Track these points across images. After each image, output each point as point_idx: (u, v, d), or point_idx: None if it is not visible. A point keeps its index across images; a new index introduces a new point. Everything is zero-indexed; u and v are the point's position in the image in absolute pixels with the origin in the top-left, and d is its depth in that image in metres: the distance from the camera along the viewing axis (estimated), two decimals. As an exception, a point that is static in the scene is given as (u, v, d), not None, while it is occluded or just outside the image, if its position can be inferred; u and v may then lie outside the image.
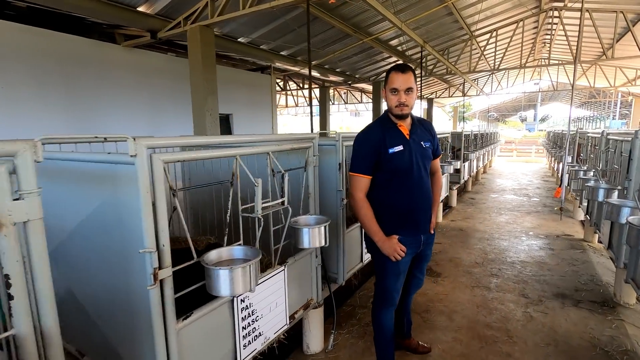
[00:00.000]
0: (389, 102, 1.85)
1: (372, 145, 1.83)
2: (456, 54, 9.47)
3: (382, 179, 1.88)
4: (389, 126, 1.88)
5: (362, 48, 8.05)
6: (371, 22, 6.39)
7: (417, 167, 1.88)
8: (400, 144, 1.86)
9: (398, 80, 1.79)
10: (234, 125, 8.10)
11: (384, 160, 1.83)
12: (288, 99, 18.14)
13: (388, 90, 1.84)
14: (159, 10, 4.62)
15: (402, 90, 1.80)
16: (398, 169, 1.85)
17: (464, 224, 6.13)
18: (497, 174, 13.08)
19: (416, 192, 1.90)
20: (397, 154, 1.84)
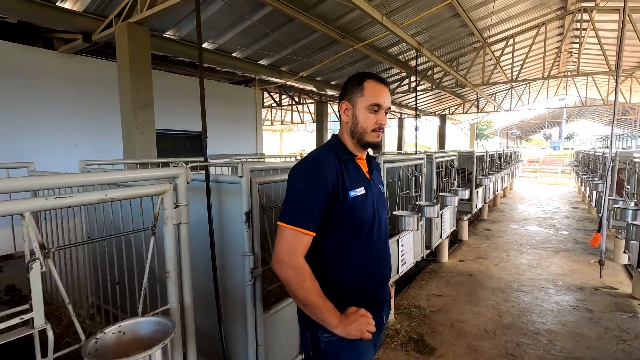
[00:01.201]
0: (364, 123, 1.30)
1: (326, 184, 1.23)
2: (467, 65, 8.56)
3: (334, 237, 1.28)
4: (346, 158, 1.33)
5: (356, 57, 7.27)
6: (359, 25, 5.60)
7: (379, 221, 1.37)
8: (362, 185, 1.32)
9: (382, 93, 1.30)
10: (207, 144, 7.32)
11: (340, 209, 1.25)
12: (294, 114, 17.53)
13: (363, 105, 1.30)
14: (87, 7, 3.95)
15: (384, 109, 1.31)
16: (359, 223, 1.29)
17: (474, 267, 5.05)
18: (519, 199, 11.84)
19: (381, 257, 1.38)
20: (359, 200, 1.29)
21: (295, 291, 1.20)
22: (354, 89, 1.30)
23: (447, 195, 4.49)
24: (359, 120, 1.28)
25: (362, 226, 1.28)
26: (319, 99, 11.33)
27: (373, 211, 1.32)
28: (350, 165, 1.31)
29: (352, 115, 1.30)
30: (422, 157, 3.94)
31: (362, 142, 1.30)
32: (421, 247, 4.06)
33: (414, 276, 4.67)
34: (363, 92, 1.28)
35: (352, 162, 1.33)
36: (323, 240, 1.26)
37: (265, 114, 18.99)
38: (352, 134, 1.31)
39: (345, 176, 1.26)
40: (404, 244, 3.47)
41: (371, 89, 1.28)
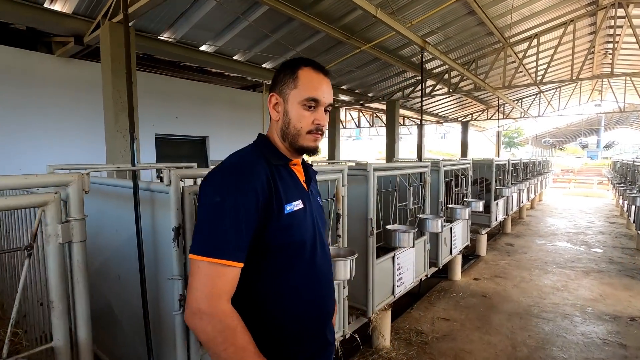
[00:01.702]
0: (297, 122, 1.04)
1: (256, 196, 0.95)
2: (486, 68, 8.07)
3: (267, 266, 1.01)
4: (279, 163, 1.07)
5: (366, 60, 6.99)
6: (366, 25, 5.33)
7: (321, 242, 1.12)
8: (299, 197, 1.06)
9: (321, 86, 1.04)
10: (210, 150, 7.26)
11: (274, 229, 0.98)
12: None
13: (296, 100, 1.03)
14: (76, 8, 3.91)
15: (324, 105, 1.05)
16: (299, 245, 1.03)
17: (490, 287, 4.58)
18: (548, 211, 11.05)
19: (325, 288, 1.13)
20: (297, 216, 1.03)
21: (222, 353, 0.87)
22: (286, 79, 1.04)
23: (456, 208, 4.10)
24: (291, 119, 1.03)
25: (302, 249, 1.03)
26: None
27: (313, 230, 1.08)
28: (285, 173, 1.06)
29: (283, 111, 1.05)
30: (426, 165, 3.59)
31: (295, 146, 1.05)
32: (425, 265, 3.68)
33: (419, 295, 4.28)
34: (296, 83, 1.02)
35: (286, 169, 1.08)
36: (253, 271, 0.98)
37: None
38: (283, 135, 1.06)
39: (279, 186, 1.00)
40: (401, 261, 3.12)
41: (307, 79, 1.02)
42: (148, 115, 6.05)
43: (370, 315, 2.75)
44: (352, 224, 2.73)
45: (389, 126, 9.96)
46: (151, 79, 6.27)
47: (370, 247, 2.69)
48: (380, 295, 2.87)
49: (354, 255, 2.04)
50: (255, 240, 0.94)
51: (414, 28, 5.57)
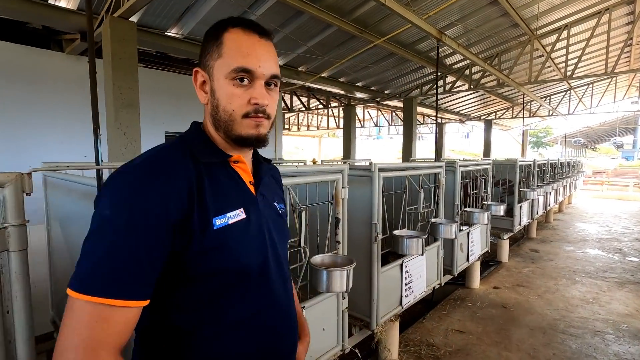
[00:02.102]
0: (227, 103, 0.78)
1: (164, 211, 0.69)
2: (511, 62, 7.63)
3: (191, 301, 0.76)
4: (211, 161, 0.81)
5: (381, 55, 6.74)
6: (379, 17, 5.10)
7: (276, 262, 0.87)
8: (238, 205, 0.81)
9: (254, 50, 0.77)
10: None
11: (197, 252, 0.73)
12: (329, 119, 17.26)
13: (223, 73, 0.77)
14: (80, 4, 3.88)
15: (263, 78, 0.78)
16: (236, 271, 0.78)
17: (511, 297, 4.27)
18: (578, 215, 10.43)
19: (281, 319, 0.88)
20: (233, 232, 0.78)
21: None
22: (210, 47, 0.78)
23: (474, 211, 3.82)
24: (219, 100, 0.78)
25: (243, 276, 0.78)
26: (346, 102, 10.89)
27: (264, 247, 0.83)
28: (219, 174, 0.80)
29: (210, 90, 0.80)
30: (440, 166, 3.34)
31: (231, 136, 0.79)
32: (438, 273, 3.44)
33: (433, 303, 4.03)
34: (221, 51, 0.76)
35: (222, 169, 0.82)
36: (172, 307, 0.75)
37: (303, 118, 18.96)
38: (215, 123, 0.80)
39: (205, 192, 0.75)
40: (410, 270, 2.90)
41: (234, 43, 0.76)
42: (158, 113, 6.07)
43: (375, 328, 2.56)
44: (356, 228, 2.59)
45: (406, 124, 9.63)
46: (161, 76, 6.28)
47: (375, 254, 2.50)
48: (386, 306, 2.67)
49: (352, 264, 1.86)
50: (169, 266, 0.71)
51: (431, 20, 5.30)
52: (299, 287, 1.89)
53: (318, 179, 2.01)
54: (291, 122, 19.43)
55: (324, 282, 1.81)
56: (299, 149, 32.86)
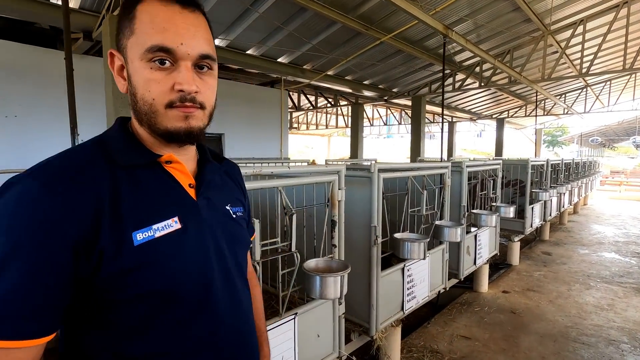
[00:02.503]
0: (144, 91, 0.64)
1: (64, 228, 0.56)
2: (523, 58, 7.42)
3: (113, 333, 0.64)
4: (133, 164, 0.67)
5: (389, 52, 6.63)
6: (384, 14, 5.00)
7: (225, 277, 0.74)
8: (172, 214, 0.68)
9: (173, 25, 0.63)
10: (226, 147, 7.21)
11: (113, 274, 0.60)
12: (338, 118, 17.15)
13: (136, 55, 0.63)
14: (82, 3, 3.89)
15: (188, 59, 0.65)
16: (164, 294, 0.64)
17: (521, 301, 4.13)
18: (594, 217, 10.13)
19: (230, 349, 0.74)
20: (162, 246, 0.64)
21: None
22: (123, 23, 0.66)
23: (481, 213, 3.70)
24: (136, 86, 0.65)
25: (176, 299, 0.65)
26: (354, 101, 10.78)
27: (206, 262, 0.70)
28: (145, 178, 0.67)
29: (127, 76, 0.67)
30: (446, 166, 3.24)
31: (157, 130, 0.66)
32: (443, 277, 3.34)
33: (438, 307, 3.92)
34: (133, 27, 0.63)
35: (150, 172, 0.68)
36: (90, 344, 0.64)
37: (312, 117, 18.92)
38: (137, 115, 0.67)
39: (122, 202, 0.62)
40: (412, 274, 2.81)
41: (147, 16, 0.62)
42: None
43: (374, 334, 2.48)
44: (356, 231, 2.52)
45: (414, 123, 9.48)
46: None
47: (374, 258, 2.42)
48: (386, 312, 2.59)
49: (346, 270, 1.79)
50: (80, 293, 0.60)
51: (439, 16, 5.17)
52: (289, 293, 1.82)
53: (312, 180, 1.94)
54: (300, 121, 19.39)
55: (317, 288, 1.75)
56: (309, 148, 32.83)
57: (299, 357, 1.88)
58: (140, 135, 0.70)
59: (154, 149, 0.70)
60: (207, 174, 0.76)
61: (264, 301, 2.62)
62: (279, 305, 1.81)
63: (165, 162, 0.70)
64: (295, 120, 19.06)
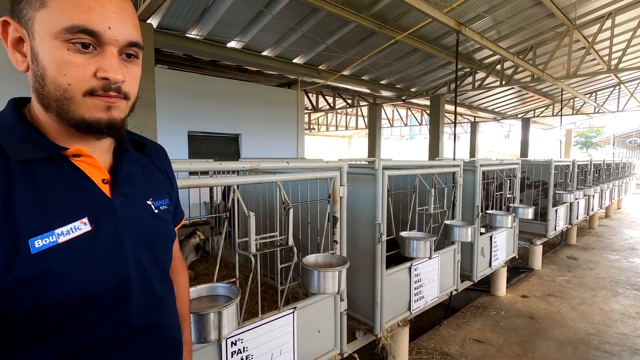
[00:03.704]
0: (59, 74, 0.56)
1: None
2: (546, 56, 7.14)
3: (15, 350, 0.57)
4: (31, 157, 0.58)
5: (405, 51, 6.56)
6: (399, 12, 4.95)
7: (143, 279, 0.68)
8: (80, 214, 0.60)
9: (101, 5, 0.56)
10: (242, 147, 7.33)
11: (11, 285, 0.54)
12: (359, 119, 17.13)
13: (49, 31, 0.55)
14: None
15: (115, 45, 0.59)
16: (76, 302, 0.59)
17: (540, 307, 3.98)
18: (628, 221, 9.60)
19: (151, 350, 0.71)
20: (67, 251, 0.57)
21: None
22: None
23: (496, 214, 3.59)
24: (46, 67, 0.57)
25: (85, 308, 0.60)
26: (372, 101, 10.71)
27: (121, 265, 0.64)
28: (47, 175, 0.59)
29: (30, 53, 0.58)
30: (458, 165, 3.18)
31: (69, 119, 0.59)
32: (454, 278, 3.27)
33: (452, 310, 3.84)
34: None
35: (53, 167, 0.60)
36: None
37: (332, 118, 18.96)
38: (42, 99, 0.59)
39: (16, 205, 0.55)
40: (419, 273, 2.77)
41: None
42: (181, 113, 6.31)
43: (378, 333, 2.46)
44: (361, 228, 2.53)
45: (432, 123, 9.32)
46: (184, 77, 6.53)
47: (379, 256, 2.40)
48: (392, 311, 2.57)
49: (345, 265, 1.80)
50: None
51: (456, 13, 5.08)
52: (287, 288, 1.84)
53: (313, 176, 1.95)
54: (320, 123, 19.45)
55: (315, 282, 1.76)
56: (330, 150, 32.85)
57: (299, 352, 1.89)
58: (42, 122, 0.62)
59: (58, 141, 0.61)
60: (124, 167, 0.69)
61: (264, 292, 2.67)
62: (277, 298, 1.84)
63: (73, 155, 0.62)
64: (315, 122, 19.14)
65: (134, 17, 0.62)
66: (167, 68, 6.35)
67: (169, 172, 0.84)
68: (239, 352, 1.62)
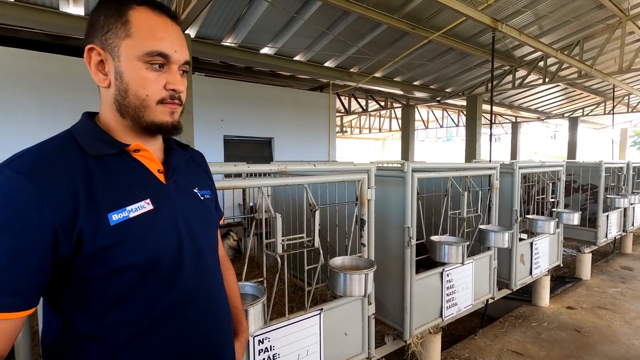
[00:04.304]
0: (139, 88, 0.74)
1: (41, 211, 0.64)
2: (595, 50, 6.64)
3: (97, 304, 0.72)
4: (103, 152, 0.75)
5: (439, 50, 6.39)
6: (432, 11, 4.84)
7: (194, 251, 0.81)
8: (144, 196, 0.75)
9: (168, 34, 0.75)
10: (275, 151, 7.47)
11: (92, 252, 0.68)
12: (392, 121, 16.92)
13: (134, 55, 0.73)
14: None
15: (177, 64, 0.77)
16: (143, 266, 0.73)
17: (588, 319, 3.71)
18: (693, 229, 8.65)
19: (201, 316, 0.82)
20: (137, 225, 0.73)
21: None
22: (111, 23, 0.73)
23: (537, 219, 3.40)
24: (129, 83, 0.73)
25: (152, 270, 0.73)
26: (405, 103, 10.52)
27: (177, 238, 0.78)
28: (115, 166, 0.75)
29: (114, 72, 0.74)
30: (494, 167, 3.05)
31: (142, 123, 0.76)
32: (490, 285, 3.13)
33: (487, 319, 3.67)
34: (129, 30, 0.72)
35: (120, 160, 0.76)
36: (76, 316, 0.71)
37: (365, 121, 18.88)
38: (121, 109, 0.75)
39: (96, 188, 0.70)
40: (452, 279, 2.69)
41: (145, 23, 0.73)
42: (217, 117, 6.58)
43: (407, 339, 2.41)
44: (390, 232, 2.51)
45: (469, 124, 8.98)
46: (220, 83, 6.80)
47: (408, 260, 2.37)
48: (422, 317, 2.51)
49: (371, 268, 1.79)
50: (64, 271, 0.68)
51: (493, 10, 4.89)
52: (313, 289, 1.86)
53: (340, 179, 1.97)
54: (353, 125, 19.40)
55: (342, 284, 1.76)
56: (364, 152, 32.65)
57: (325, 353, 1.90)
58: (110, 126, 0.78)
59: (122, 139, 0.78)
60: (173, 160, 0.85)
61: (293, 293, 2.70)
62: (304, 299, 1.86)
63: (134, 150, 0.78)
64: (348, 125, 19.12)
65: (185, 41, 0.80)
66: (205, 75, 6.64)
67: (208, 171, 1.02)
68: (265, 350, 1.66)
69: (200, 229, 0.84)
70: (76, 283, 0.69)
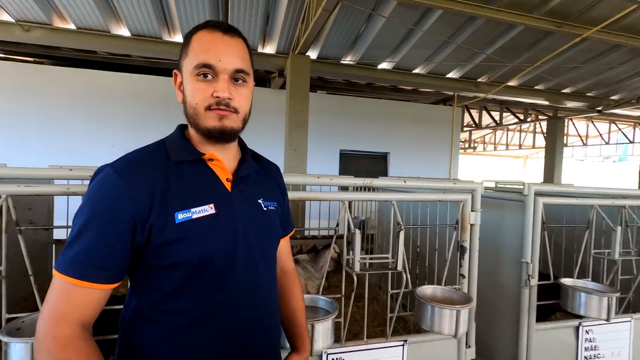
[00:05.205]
0: (191, 98, 0.85)
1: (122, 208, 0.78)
2: None
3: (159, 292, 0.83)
4: (182, 159, 0.87)
5: (596, 50, 5.17)
6: (585, 4, 3.94)
7: (249, 256, 0.88)
8: (209, 200, 0.85)
9: (214, 47, 0.83)
10: (391, 166, 7.25)
11: (158, 244, 0.79)
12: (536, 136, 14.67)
13: (188, 70, 0.85)
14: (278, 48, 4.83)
15: (225, 73, 0.83)
16: (195, 262, 0.81)
17: None
18: None
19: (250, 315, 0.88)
20: (197, 225, 0.82)
21: None
22: (183, 49, 0.87)
23: None
24: (187, 95, 0.85)
25: (204, 268, 0.81)
26: (551, 114, 8.86)
27: (232, 241, 0.85)
28: (190, 172, 0.86)
29: (183, 89, 0.88)
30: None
31: (199, 129, 0.86)
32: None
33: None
34: (187, 51, 0.84)
35: (195, 166, 0.87)
36: (144, 300, 0.83)
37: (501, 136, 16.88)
38: (189, 119, 0.88)
39: (170, 189, 0.81)
40: (594, 337, 2.09)
41: (197, 42, 0.84)
42: (334, 132, 6.87)
43: (520, 402, 1.97)
44: (504, 266, 2.15)
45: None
46: (339, 100, 7.12)
47: (525, 302, 1.95)
48: (544, 378, 2.01)
49: (467, 305, 1.55)
50: (138, 257, 0.80)
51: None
52: (391, 319, 1.69)
53: (436, 198, 1.76)
54: (486, 141, 17.50)
55: (429, 318, 1.57)
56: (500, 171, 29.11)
57: (407, 394, 1.71)
58: (191, 136, 0.91)
59: (200, 148, 0.89)
60: (242, 171, 0.93)
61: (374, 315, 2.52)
62: (385, 326, 1.72)
63: (209, 159, 0.89)
64: (480, 140, 17.36)
65: (241, 51, 0.85)
66: (327, 93, 7.05)
67: (281, 184, 1.08)
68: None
69: (256, 237, 0.90)
70: (146, 270, 0.81)
